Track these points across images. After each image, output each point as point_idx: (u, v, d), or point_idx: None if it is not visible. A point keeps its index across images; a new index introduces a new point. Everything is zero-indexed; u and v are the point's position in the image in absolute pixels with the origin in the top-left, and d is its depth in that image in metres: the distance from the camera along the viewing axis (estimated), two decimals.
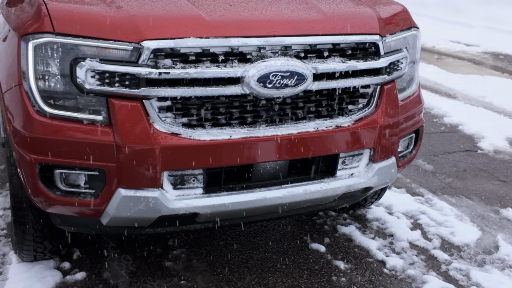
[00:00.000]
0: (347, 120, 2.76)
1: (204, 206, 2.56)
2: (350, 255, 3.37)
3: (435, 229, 3.71)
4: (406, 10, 3.12)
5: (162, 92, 2.38)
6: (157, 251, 3.33)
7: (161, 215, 2.52)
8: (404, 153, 3.16)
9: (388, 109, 2.85)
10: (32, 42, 2.38)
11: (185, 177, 2.54)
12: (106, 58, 2.37)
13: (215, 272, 3.14)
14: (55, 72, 2.40)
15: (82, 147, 2.41)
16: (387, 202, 4.06)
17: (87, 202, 2.51)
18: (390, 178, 3.00)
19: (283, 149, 2.62)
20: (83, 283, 3.01)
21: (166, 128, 2.43)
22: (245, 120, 2.57)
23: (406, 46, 2.99)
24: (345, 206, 3.41)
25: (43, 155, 2.45)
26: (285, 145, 2.62)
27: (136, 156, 2.40)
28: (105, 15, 2.43)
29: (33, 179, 2.48)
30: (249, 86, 2.47)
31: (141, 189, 2.47)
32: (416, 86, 3.16)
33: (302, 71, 2.55)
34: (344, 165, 2.84)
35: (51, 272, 3.05)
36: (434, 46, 11.09)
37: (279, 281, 3.08)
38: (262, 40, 2.51)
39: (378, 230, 3.68)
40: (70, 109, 2.42)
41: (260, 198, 2.65)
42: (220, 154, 2.52)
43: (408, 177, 4.62)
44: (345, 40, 2.68)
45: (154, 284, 3.01)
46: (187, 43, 2.40)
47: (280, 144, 2.60)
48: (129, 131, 2.39)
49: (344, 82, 2.69)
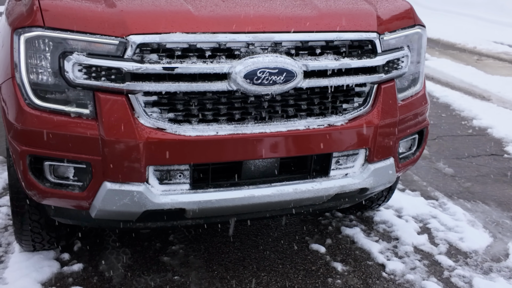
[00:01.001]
0: (340, 119, 2.70)
1: (190, 202, 2.55)
2: (350, 257, 3.30)
3: (444, 234, 3.59)
4: (410, 7, 3.03)
5: (147, 87, 2.39)
6: (156, 245, 3.35)
7: (146, 209, 2.52)
8: (406, 155, 3.07)
9: (385, 108, 2.77)
10: (23, 35, 2.42)
11: (171, 173, 2.54)
12: (93, 52, 2.39)
13: (210, 269, 3.13)
14: (45, 65, 2.43)
15: (69, 140, 2.44)
16: (398, 204, 3.96)
17: (75, 194, 2.54)
18: (388, 179, 2.93)
19: (272, 147, 2.59)
20: (78, 274, 3.05)
21: (151, 123, 2.44)
22: (233, 116, 2.54)
23: (408, 45, 2.90)
24: (344, 207, 3.34)
25: (33, 147, 2.49)
26: (273, 143, 2.59)
27: (120, 150, 2.42)
28: (93, 10, 2.45)
29: (24, 170, 2.53)
30: (236, 82, 2.44)
31: (126, 183, 2.48)
32: (420, 86, 3.06)
33: (291, 68, 2.51)
34: (338, 164, 2.79)
35: (49, 262, 3.11)
36: (475, 47, 10.78)
37: (273, 280, 3.05)
38: (251, 36, 2.48)
39: (384, 233, 3.59)
40: (58, 102, 2.46)
41: (248, 196, 2.62)
42: (206, 150, 2.50)
43: (425, 180, 4.50)
44: (338, 37, 2.62)
45: (148, 279, 3.03)
46: (172, 38, 2.39)
47: (268, 141, 2.57)
48: (113, 125, 2.40)
49: (336, 80, 2.63)
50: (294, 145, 2.63)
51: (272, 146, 2.59)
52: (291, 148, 2.63)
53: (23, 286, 2.88)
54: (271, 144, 2.58)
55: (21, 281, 2.92)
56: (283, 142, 2.60)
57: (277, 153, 2.62)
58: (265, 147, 2.58)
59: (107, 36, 2.38)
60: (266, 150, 2.59)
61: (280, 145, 2.60)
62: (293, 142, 2.62)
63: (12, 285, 2.90)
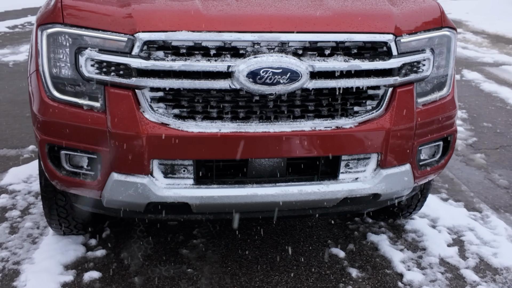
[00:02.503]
0: (350, 122, 2.64)
1: (192, 196, 2.61)
2: (368, 264, 3.22)
3: (477, 248, 3.42)
4: (438, 7, 2.90)
5: (151, 83, 2.47)
6: (179, 238, 3.45)
7: (150, 201, 2.61)
8: (429, 162, 2.96)
9: (399, 113, 2.68)
10: (45, 31, 2.59)
11: (176, 167, 2.61)
12: (104, 49, 2.50)
13: (225, 264, 3.18)
14: (64, 59, 2.58)
15: (82, 131, 2.58)
16: (435, 214, 3.81)
17: (87, 183, 2.68)
18: (403, 186, 2.83)
19: (275, 147, 2.59)
20: (100, 260, 3.20)
21: (156, 118, 2.51)
22: (237, 115, 2.57)
23: (432, 47, 2.78)
24: (360, 212, 3.24)
25: (51, 136, 2.65)
26: (277, 143, 2.58)
27: (125, 143, 2.52)
28: (107, 9, 2.57)
29: (43, 157, 2.71)
30: (239, 81, 2.47)
31: (131, 175, 2.58)
32: (447, 91, 2.92)
33: (296, 68, 2.49)
34: (347, 168, 2.74)
35: (75, 246, 3.29)
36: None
37: (283, 281, 3.04)
38: (256, 35, 2.49)
39: (411, 243, 3.47)
40: (74, 95, 2.59)
41: (251, 194, 2.64)
42: (208, 147, 2.55)
43: (474, 191, 4.29)
44: (349, 39, 2.57)
45: (163, 269, 3.12)
46: (178, 36, 2.46)
47: (271, 141, 2.57)
48: (119, 119, 2.51)
49: (345, 82, 2.58)
50: (299, 146, 2.61)
51: (275, 146, 2.58)
52: (296, 149, 2.61)
53: (46, 266, 3.07)
54: (274, 144, 2.58)
55: (46, 262, 3.11)
56: (287, 143, 2.59)
57: (281, 153, 2.62)
58: (268, 146, 2.58)
59: (117, 33, 2.49)
60: (269, 149, 2.59)
61: (284, 145, 2.59)
62: (297, 143, 2.60)
63: (38, 265, 3.10)
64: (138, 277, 3.05)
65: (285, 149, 2.61)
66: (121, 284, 2.99)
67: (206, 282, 3.01)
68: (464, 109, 6.58)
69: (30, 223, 3.59)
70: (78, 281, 3.00)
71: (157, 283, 3.00)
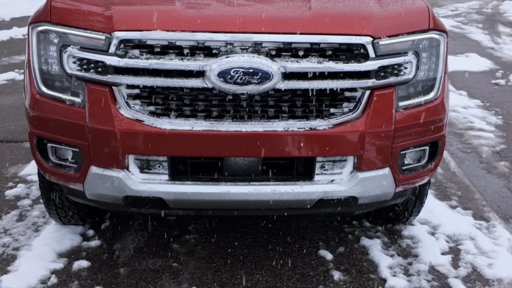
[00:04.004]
0: (324, 124, 2.63)
1: (166, 192, 2.68)
2: (354, 267, 3.19)
3: (472, 258, 3.32)
4: (426, 10, 2.83)
5: (125, 80, 2.56)
6: (174, 233, 3.53)
7: (126, 195, 2.70)
8: (414, 167, 2.90)
9: (376, 116, 2.65)
10: (35, 29, 2.73)
11: (151, 163, 2.69)
12: (85, 46, 2.61)
13: (211, 260, 3.23)
14: (50, 56, 2.71)
15: (65, 125, 2.70)
16: (437, 221, 3.72)
17: (71, 175, 2.80)
18: (382, 190, 2.79)
19: (247, 146, 2.61)
20: (93, 250, 3.33)
21: (131, 114, 2.60)
22: (210, 113, 2.62)
23: (417, 50, 2.73)
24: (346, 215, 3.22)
25: (38, 129, 2.79)
26: (249, 142, 2.61)
27: (100, 137, 2.62)
28: (91, 9, 2.68)
29: (33, 150, 2.85)
30: (210, 80, 2.52)
31: (108, 169, 2.68)
32: (435, 94, 2.85)
33: (267, 69, 2.51)
34: (323, 170, 2.73)
35: (72, 236, 3.43)
36: None
37: (263, 280, 3.06)
38: (229, 35, 2.53)
39: (405, 249, 3.41)
40: (59, 91, 2.72)
41: (224, 192, 2.68)
42: (180, 144, 2.61)
43: (488, 199, 4.15)
44: (324, 40, 2.57)
45: (150, 262, 3.21)
46: (152, 35, 2.53)
47: (243, 140, 2.60)
48: (96, 114, 2.61)
49: (318, 84, 2.58)
50: (271, 146, 2.62)
51: (247, 145, 2.61)
52: (268, 149, 2.63)
53: (40, 253, 3.22)
54: (246, 143, 2.61)
55: (41, 249, 3.26)
56: (259, 142, 2.61)
57: (253, 152, 2.64)
58: (240, 145, 2.61)
59: (96, 32, 2.59)
60: (241, 148, 2.62)
61: (256, 145, 2.61)
62: (269, 143, 2.62)
63: (33, 251, 3.26)
64: (124, 268, 3.15)
65: (258, 149, 2.63)
66: (107, 274, 3.10)
67: (188, 277, 3.08)
68: (500, 115, 6.36)
69: (37, 212, 3.76)
70: (67, 269, 3.13)
71: (141, 275, 3.09)
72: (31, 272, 3.05)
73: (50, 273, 3.08)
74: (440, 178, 4.55)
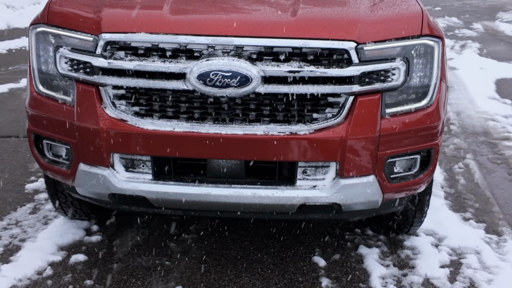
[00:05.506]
0: (305, 128, 2.61)
1: (148, 191, 2.73)
2: (345, 276, 3.14)
3: (472, 272, 3.19)
4: (420, 16, 2.76)
5: (110, 80, 2.63)
6: (174, 231, 3.58)
7: (111, 192, 2.77)
8: (404, 175, 2.83)
9: (359, 122, 2.61)
10: (34, 30, 2.86)
11: (135, 162, 2.75)
12: (75, 47, 2.71)
13: (203, 261, 3.26)
14: (47, 56, 2.83)
15: (57, 123, 2.81)
16: (444, 233, 3.60)
17: (63, 171, 2.90)
18: (366, 198, 2.74)
19: (227, 148, 2.63)
20: (93, 245, 3.43)
21: (116, 114, 2.67)
22: (192, 115, 2.65)
23: (407, 56, 2.67)
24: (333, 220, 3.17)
25: (36, 127, 2.92)
26: (228, 145, 2.62)
27: (87, 136, 2.70)
28: (84, 11, 2.79)
29: (31, 146, 2.99)
30: (190, 82, 2.55)
31: (94, 166, 2.76)
32: (428, 102, 2.77)
33: (246, 72, 2.52)
34: (305, 175, 2.71)
35: (76, 230, 3.55)
36: None
37: (250, 283, 3.06)
38: (210, 39, 2.56)
39: (403, 259, 3.32)
40: (53, 89, 2.83)
41: (204, 193, 2.70)
42: (162, 144, 2.65)
43: (507, 213, 3.98)
44: (305, 45, 2.55)
45: (144, 259, 3.28)
46: (135, 37, 2.60)
47: (223, 143, 2.62)
48: (83, 113, 2.70)
49: (298, 88, 2.56)
50: (251, 150, 2.63)
51: (226, 148, 2.63)
52: (248, 152, 2.64)
53: (42, 245, 3.35)
54: (225, 146, 2.63)
55: (43, 241, 3.39)
56: (240, 145, 2.62)
57: (234, 155, 2.66)
58: (220, 148, 2.63)
59: (85, 34, 2.68)
60: (221, 151, 2.64)
61: (236, 147, 2.63)
62: (249, 146, 2.62)
63: (36, 243, 3.39)
64: (118, 264, 3.23)
65: (237, 152, 2.64)
66: (101, 269, 3.18)
67: (176, 276, 3.12)
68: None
69: (50, 206, 3.90)
70: (64, 262, 3.24)
71: (132, 271, 3.16)
72: (29, 263, 3.18)
73: (47, 265, 3.20)
74: (460, 189, 4.40)
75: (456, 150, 5.37)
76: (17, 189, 4.21)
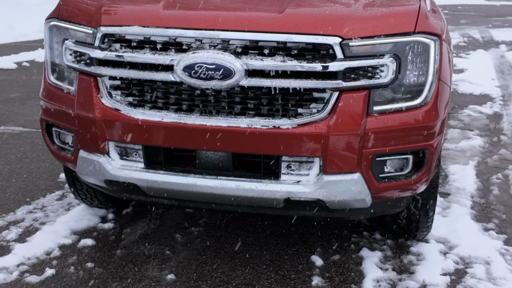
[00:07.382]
0: (288, 123, 2.62)
1: (139, 179, 2.84)
2: (339, 276, 3.09)
3: (475, 282, 3.05)
4: (416, 12, 2.69)
5: (105, 71, 2.77)
6: (184, 224, 3.68)
7: (106, 179, 2.90)
8: (394, 176, 2.76)
9: (343, 118, 2.58)
10: (47, 24, 3.06)
11: (128, 150, 2.87)
12: (78, 40, 2.88)
13: (203, 253, 3.33)
14: (57, 48, 3.02)
15: (63, 111, 2.98)
16: (457, 241, 3.47)
17: (68, 157, 3.07)
18: (351, 196, 2.69)
19: (212, 140, 2.68)
20: (104, 231, 3.59)
21: (111, 104, 2.80)
22: (181, 106, 2.73)
23: (398, 53, 2.62)
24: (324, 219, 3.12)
25: (46, 115, 3.12)
26: (213, 136, 2.68)
27: (84, 124, 2.85)
28: (89, 6, 2.94)
29: (43, 133, 3.19)
30: (177, 74, 2.64)
31: (92, 153, 2.90)
32: (422, 101, 2.69)
33: (229, 65, 2.57)
34: (289, 169, 2.71)
35: (91, 217, 3.72)
36: None
37: (241, 277, 3.09)
38: (198, 32, 2.64)
39: (404, 264, 3.23)
40: (61, 80, 3.02)
41: (191, 184, 2.77)
42: (151, 134, 2.75)
43: None
44: (289, 39, 2.57)
45: (147, 248, 3.39)
46: (129, 30, 2.72)
47: (207, 134, 2.68)
48: (81, 102, 2.85)
49: (280, 82, 2.58)
50: (234, 142, 2.67)
51: (211, 139, 2.68)
52: (231, 144, 2.68)
53: (56, 229, 3.55)
54: (210, 137, 2.68)
55: (59, 225, 3.59)
56: (224, 137, 2.67)
57: (216, 147, 2.71)
58: (204, 139, 2.69)
59: (86, 27, 2.84)
60: (205, 142, 2.70)
61: (221, 139, 2.68)
62: (232, 139, 2.67)
63: (53, 226, 3.59)
64: (121, 250, 3.36)
65: (222, 144, 2.69)
66: (105, 253, 3.32)
67: (173, 265, 3.20)
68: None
69: None
70: (73, 245, 3.41)
71: (133, 258, 3.28)
72: (41, 244, 3.37)
73: (57, 247, 3.37)
74: (491, 200, 4.21)
75: (499, 161, 5.13)
76: (52, 177, 4.47)
